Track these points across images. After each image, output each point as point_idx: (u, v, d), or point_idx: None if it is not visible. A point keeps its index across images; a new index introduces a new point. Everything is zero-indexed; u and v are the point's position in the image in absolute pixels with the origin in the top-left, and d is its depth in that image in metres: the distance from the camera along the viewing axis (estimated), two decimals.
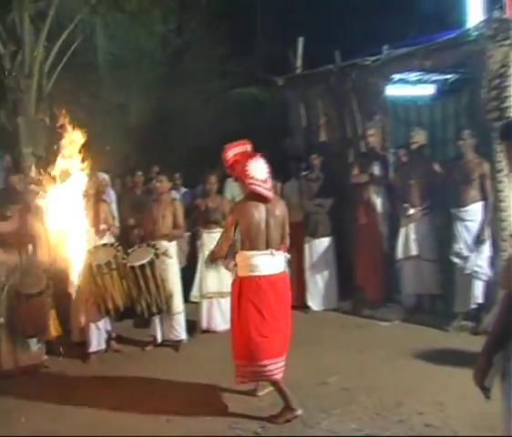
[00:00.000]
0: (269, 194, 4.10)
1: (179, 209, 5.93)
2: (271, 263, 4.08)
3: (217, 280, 6.27)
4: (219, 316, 6.32)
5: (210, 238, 6.32)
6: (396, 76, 6.89)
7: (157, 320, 5.83)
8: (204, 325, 6.34)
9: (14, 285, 5.20)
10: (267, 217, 4.11)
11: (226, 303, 6.33)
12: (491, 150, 5.53)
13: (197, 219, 6.46)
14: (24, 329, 5.22)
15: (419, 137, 6.17)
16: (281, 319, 4.09)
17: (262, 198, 4.10)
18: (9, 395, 4.83)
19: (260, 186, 4.06)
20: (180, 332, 5.88)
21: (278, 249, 4.12)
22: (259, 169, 4.10)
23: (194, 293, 6.41)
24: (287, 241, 4.26)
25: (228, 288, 6.18)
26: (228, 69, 11.09)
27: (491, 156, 5.53)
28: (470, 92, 5.93)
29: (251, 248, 4.07)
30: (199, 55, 10.98)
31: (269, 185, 4.11)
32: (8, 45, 7.16)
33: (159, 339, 5.91)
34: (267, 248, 4.08)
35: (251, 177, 4.08)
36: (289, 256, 4.31)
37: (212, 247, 6.03)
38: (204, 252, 6.31)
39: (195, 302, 6.43)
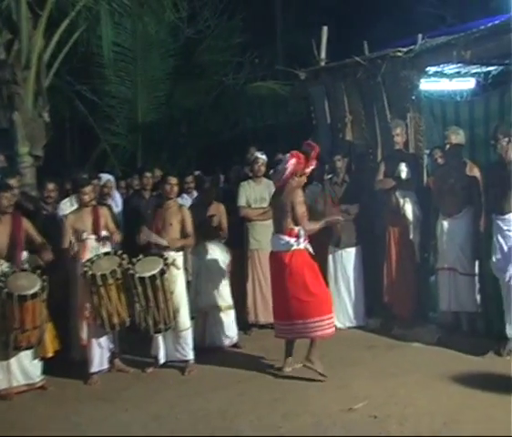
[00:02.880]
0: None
1: (187, 216, 5.90)
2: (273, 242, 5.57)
3: (214, 294, 6.30)
4: (215, 331, 6.33)
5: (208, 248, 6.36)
6: (432, 69, 6.78)
7: (160, 337, 5.77)
8: (198, 341, 6.23)
9: (5, 287, 5.14)
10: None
11: (225, 316, 6.36)
12: None
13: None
14: (16, 340, 5.16)
15: (455, 137, 6.05)
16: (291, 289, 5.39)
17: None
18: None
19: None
20: (188, 351, 5.82)
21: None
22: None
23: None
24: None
25: (224, 301, 6.25)
26: (244, 61, 11.07)
27: None
28: None
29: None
30: (213, 45, 11.00)
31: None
32: (3, 32, 7.15)
33: (162, 359, 5.85)
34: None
35: None
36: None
37: (209, 256, 6.31)
38: (199, 263, 6.34)
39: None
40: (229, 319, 6.40)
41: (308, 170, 5.53)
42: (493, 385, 4.93)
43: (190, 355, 5.83)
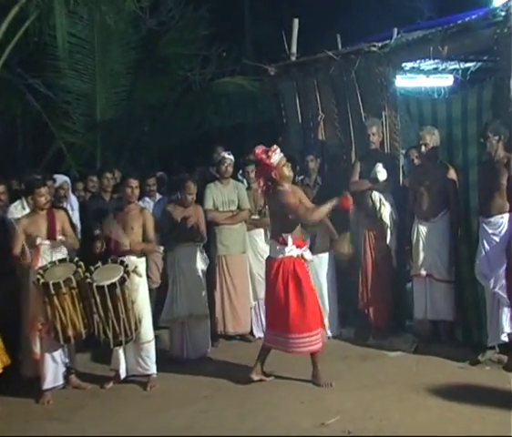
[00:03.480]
0: None
1: (149, 220, 5.90)
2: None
3: (190, 303, 6.34)
4: (194, 342, 6.37)
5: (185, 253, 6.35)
6: (408, 65, 6.88)
7: (120, 350, 5.72)
8: (174, 354, 6.36)
9: None
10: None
11: (203, 326, 6.39)
12: None
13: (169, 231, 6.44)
14: None
15: (430, 138, 6.13)
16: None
17: None
18: None
19: None
20: (150, 365, 5.81)
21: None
22: None
23: (164, 317, 6.40)
24: None
25: (202, 309, 6.26)
26: (211, 55, 11.05)
27: None
28: (496, 83, 5.90)
29: None
30: (178, 38, 10.92)
31: None
32: None
33: (123, 374, 5.82)
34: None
35: None
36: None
37: (187, 262, 6.28)
38: (176, 269, 6.35)
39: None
40: (206, 329, 6.47)
41: (275, 164, 5.48)
42: (472, 397, 5.00)
43: (153, 369, 5.81)
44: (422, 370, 5.74)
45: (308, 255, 5.68)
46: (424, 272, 6.22)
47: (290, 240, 5.49)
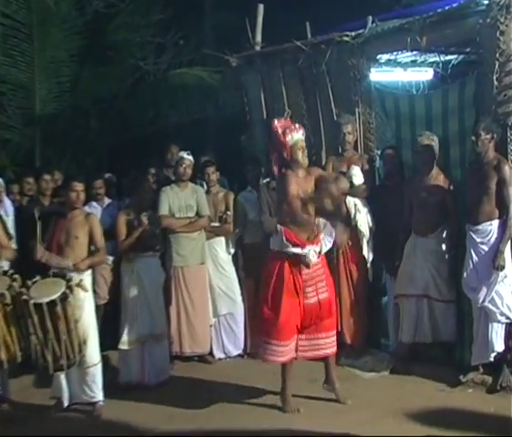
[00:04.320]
0: None
1: (96, 227, 5.85)
2: None
3: (150, 320, 6.32)
4: (156, 363, 6.34)
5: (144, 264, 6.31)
6: (384, 57, 6.95)
7: (62, 376, 5.66)
8: (134, 379, 6.28)
9: None
10: None
11: (163, 347, 6.34)
12: (504, 153, 5.61)
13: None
14: None
15: (428, 141, 6.13)
16: None
17: None
18: None
19: None
20: (96, 392, 5.75)
21: None
22: None
23: (124, 338, 6.30)
24: None
25: (160, 329, 6.22)
26: (167, 43, 11.00)
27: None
28: (479, 78, 5.99)
29: None
30: (129, 22, 10.85)
31: None
32: None
33: (66, 401, 5.76)
34: None
35: None
36: None
37: (145, 273, 6.24)
38: (135, 282, 6.29)
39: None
40: (166, 350, 6.49)
41: (290, 143, 5.55)
42: (453, 423, 5.05)
43: (99, 396, 5.77)
44: (398, 393, 5.79)
45: (311, 255, 5.50)
46: (418, 292, 6.20)
47: (281, 233, 5.46)
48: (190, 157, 6.91)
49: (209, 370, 6.69)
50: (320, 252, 5.58)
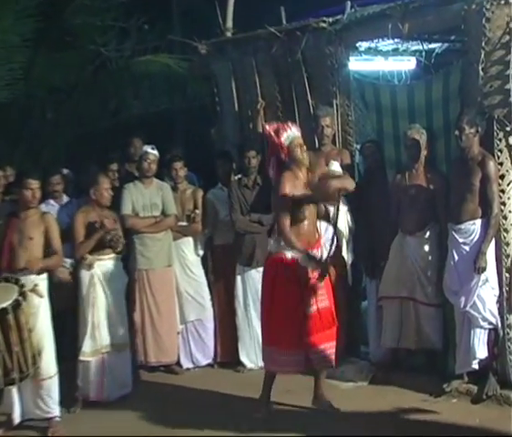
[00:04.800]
0: None
1: (53, 227, 5.79)
2: None
3: (111, 328, 6.29)
4: (117, 377, 6.32)
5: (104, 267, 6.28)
6: (363, 45, 6.95)
7: (14, 390, 5.59)
8: (92, 394, 6.21)
9: None
10: None
11: (125, 358, 6.31)
12: (490, 148, 5.63)
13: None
14: None
15: (419, 138, 6.14)
16: None
17: None
18: None
19: None
20: (52, 407, 5.71)
21: None
22: None
23: (85, 349, 6.23)
24: None
25: (122, 339, 6.17)
26: (130, 28, 10.91)
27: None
28: (464, 68, 6.03)
29: None
30: (89, 5, 10.71)
31: None
32: None
33: (17, 418, 5.70)
34: None
35: None
36: None
37: (107, 277, 6.25)
38: (96, 287, 6.23)
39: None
40: (128, 362, 6.45)
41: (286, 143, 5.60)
42: (436, 434, 5.09)
43: (56, 411, 5.73)
44: (379, 404, 5.80)
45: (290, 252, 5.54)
46: (403, 294, 6.21)
47: (275, 234, 5.65)
48: (155, 152, 6.89)
49: (176, 381, 6.67)
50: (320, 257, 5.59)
